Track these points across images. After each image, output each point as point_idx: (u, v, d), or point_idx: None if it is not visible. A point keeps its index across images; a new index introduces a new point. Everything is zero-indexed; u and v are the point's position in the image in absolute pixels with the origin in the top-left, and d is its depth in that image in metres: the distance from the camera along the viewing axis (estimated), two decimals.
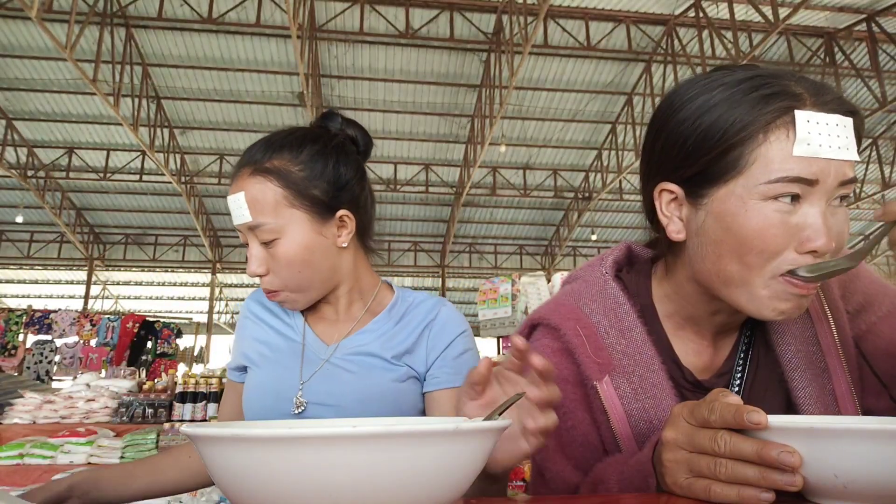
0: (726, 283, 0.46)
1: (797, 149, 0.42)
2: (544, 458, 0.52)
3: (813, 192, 0.43)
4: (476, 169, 8.47)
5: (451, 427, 0.30)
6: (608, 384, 0.50)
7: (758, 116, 0.43)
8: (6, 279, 12.19)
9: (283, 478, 0.29)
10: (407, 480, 0.30)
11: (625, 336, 0.52)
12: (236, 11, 6.66)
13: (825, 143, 0.42)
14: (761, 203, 0.43)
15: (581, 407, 0.51)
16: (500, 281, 4.08)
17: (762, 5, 5.96)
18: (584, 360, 0.51)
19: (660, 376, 0.50)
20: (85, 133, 8.64)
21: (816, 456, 0.34)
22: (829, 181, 0.43)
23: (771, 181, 0.43)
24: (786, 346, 0.52)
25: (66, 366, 5.61)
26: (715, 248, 0.46)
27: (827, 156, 0.42)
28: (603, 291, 0.54)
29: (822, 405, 0.50)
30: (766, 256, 0.44)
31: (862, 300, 0.53)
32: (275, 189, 0.65)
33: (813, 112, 0.43)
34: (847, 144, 0.43)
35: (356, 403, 0.67)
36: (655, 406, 0.50)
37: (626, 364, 0.51)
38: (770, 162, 0.43)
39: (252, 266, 0.66)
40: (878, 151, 9.35)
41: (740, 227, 0.44)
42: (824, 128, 0.42)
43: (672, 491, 0.41)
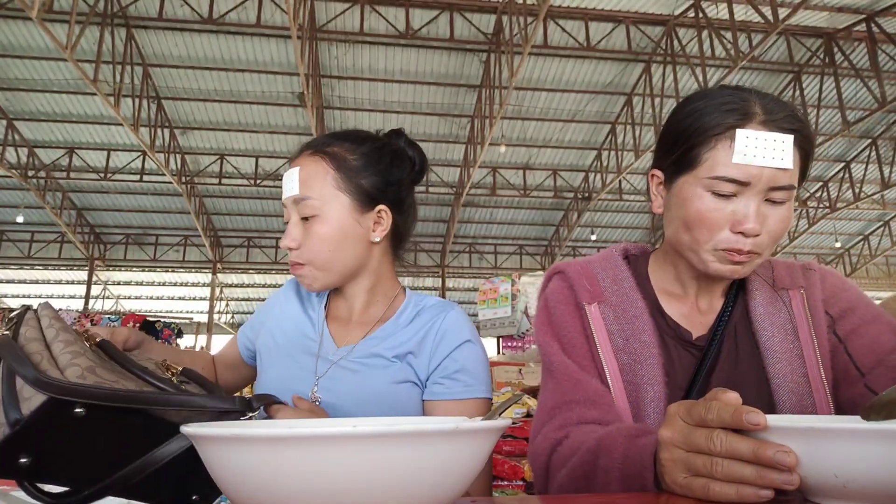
0: (680, 247, 0.62)
1: (735, 157, 0.56)
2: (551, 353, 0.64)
3: (746, 190, 0.56)
4: (476, 169, 8.47)
5: (450, 427, 0.30)
6: (595, 308, 0.64)
7: (714, 127, 0.57)
8: (7, 279, 12.19)
9: (283, 477, 0.29)
10: (407, 480, 0.30)
11: (616, 283, 0.66)
12: (237, 12, 6.67)
13: (759, 154, 0.55)
14: (705, 192, 0.57)
15: (577, 324, 0.64)
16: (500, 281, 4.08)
17: (762, 6, 5.96)
18: (580, 289, 0.65)
19: (640, 310, 0.63)
20: (85, 133, 8.64)
21: (816, 455, 0.34)
22: (761, 185, 0.56)
23: (712, 177, 0.57)
24: (763, 330, 0.62)
25: None
26: (675, 222, 0.61)
27: (759, 164, 0.55)
28: (607, 258, 0.69)
29: (794, 384, 0.59)
30: (705, 232, 0.58)
31: (846, 306, 0.63)
32: (327, 169, 0.71)
33: (755, 130, 0.56)
34: (781, 157, 0.55)
35: (354, 405, 0.68)
36: (633, 329, 0.62)
37: (613, 300, 0.64)
38: (715, 163, 0.57)
39: (286, 239, 0.70)
40: (878, 151, 9.35)
41: (689, 208, 0.58)
42: (762, 143, 0.55)
43: (671, 489, 0.41)
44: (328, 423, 0.51)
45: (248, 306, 13.72)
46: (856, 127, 7.83)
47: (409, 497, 0.30)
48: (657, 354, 0.60)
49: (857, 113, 7.79)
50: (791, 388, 0.59)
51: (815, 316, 0.62)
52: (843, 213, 10.80)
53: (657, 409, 0.58)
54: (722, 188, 0.56)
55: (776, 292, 0.64)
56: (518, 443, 1.86)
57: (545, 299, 0.68)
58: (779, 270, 0.66)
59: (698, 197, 0.57)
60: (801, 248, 12.45)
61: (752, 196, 0.56)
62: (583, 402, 0.58)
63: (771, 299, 0.63)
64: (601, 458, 0.48)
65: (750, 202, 0.56)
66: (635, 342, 0.61)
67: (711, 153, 0.57)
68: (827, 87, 7.76)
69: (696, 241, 0.59)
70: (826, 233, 11.90)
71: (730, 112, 0.57)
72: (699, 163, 0.58)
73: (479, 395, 0.70)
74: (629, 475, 0.45)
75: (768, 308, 0.63)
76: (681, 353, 0.62)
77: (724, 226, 0.57)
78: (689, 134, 0.59)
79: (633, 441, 0.46)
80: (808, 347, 0.60)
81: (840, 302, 0.63)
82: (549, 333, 0.65)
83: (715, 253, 0.58)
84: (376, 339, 0.72)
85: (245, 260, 11.65)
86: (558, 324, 0.65)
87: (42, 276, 12.22)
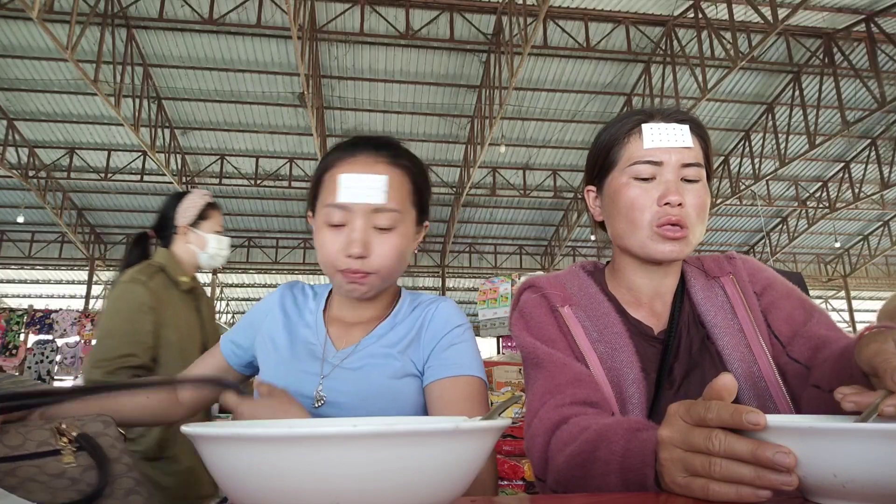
0: (623, 237, 0.69)
1: (645, 143, 0.67)
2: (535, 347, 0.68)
3: (662, 170, 0.66)
4: (476, 169, 8.46)
5: (450, 427, 0.30)
6: (568, 310, 0.70)
7: (623, 128, 0.70)
8: (7, 279, 12.18)
9: (283, 477, 0.29)
10: (407, 480, 0.30)
11: (582, 290, 0.73)
12: (237, 12, 6.66)
13: (664, 139, 0.67)
14: (628, 180, 0.68)
15: (553, 324, 0.70)
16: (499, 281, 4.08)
17: (761, 6, 5.96)
18: (552, 296, 0.71)
19: (607, 309, 0.70)
20: (86, 133, 8.64)
21: (815, 455, 0.34)
22: (672, 162, 0.66)
23: (631, 164, 0.68)
24: (706, 311, 0.70)
25: (67, 365, 5.61)
26: (612, 217, 0.70)
27: (665, 146, 0.66)
28: (571, 273, 0.76)
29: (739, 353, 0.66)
30: (637, 213, 0.66)
31: (765, 283, 0.72)
32: (408, 184, 0.73)
33: (656, 123, 0.68)
34: (682, 139, 0.67)
35: (358, 402, 0.68)
36: (604, 323, 0.68)
37: (583, 302, 0.71)
38: (631, 153, 0.68)
39: (357, 247, 0.67)
40: (877, 152, 9.35)
41: (619, 197, 0.68)
42: (664, 130, 0.67)
43: (670, 489, 0.41)
44: (328, 423, 0.51)
45: (247, 306, 13.72)
46: (855, 127, 7.82)
47: (409, 497, 0.30)
48: (629, 343, 0.66)
49: (857, 113, 7.78)
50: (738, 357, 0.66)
51: (747, 295, 0.70)
52: (843, 213, 10.79)
53: (639, 390, 0.63)
54: (641, 171, 0.66)
55: (710, 280, 0.72)
56: (518, 443, 1.86)
57: (520, 310, 0.73)
58: (707, 263, 0.75)
59: (625, 185, 0.67)
60: (800, 248, 12.44)
61: (667, 174, 0.66)
62: (573, 383, 0.62)
63: (707, 286, 0.72)
64: (601, 450, 0.48)
65: (667, 178, 0.66)
66: (608, 334, 0.67)
67: (626, 147, 0.69)
68: (826, 88, 7.76)
69: (632, 225, 0.67)
70: (825, 233, 11.89)
71: (633, 116, 0.70)
72: (619, 158, 0.69)
73: (473, 374, 0.71)
74: (629, 468, 0.45)
75: (707, 293, 0.71)
76: (646, 347, 0.68)
77: (652, 203, 0.66)
78: (606, 143, 0.71)
79: (634, 434, 0.47)
80: (747, 323, 0.68)
81: (760, 281, 0.72)
82: (528, 335, 0.69)
83: (651, 232, 0.66)
84: (375, 338, 0.74)
85: (245, 260, 11.65)
86: (536, 325, 0.70)
87: (42, 276, 12.22)
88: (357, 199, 0.67)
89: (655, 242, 0.65)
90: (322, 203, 0.71)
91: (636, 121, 0.69)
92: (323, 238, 0.70)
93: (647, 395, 0.64)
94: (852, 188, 9.90)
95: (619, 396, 0.63)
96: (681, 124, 0.68)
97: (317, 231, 0.72)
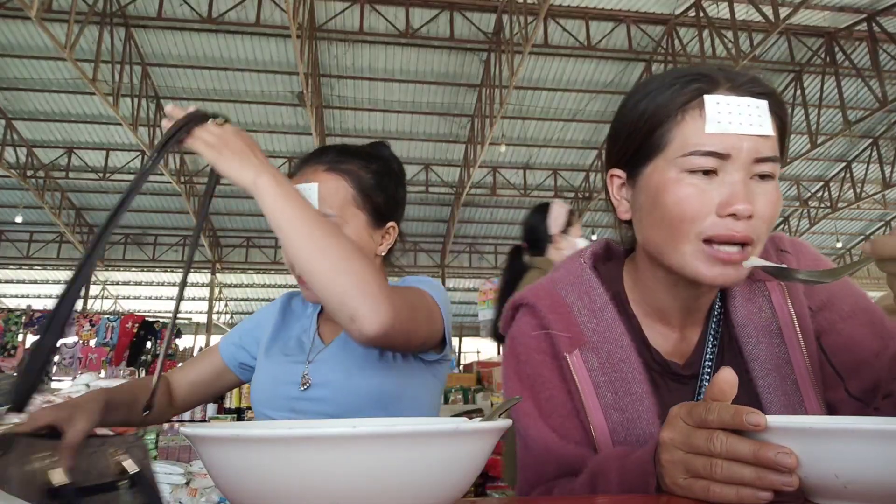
0: (661, 249, 0.51)
1: (708, 126, 0.47)
2: (526, 426, 0.55)
3: (728, 164, 0.48)
4: (476, 169, 8.46)
5: (450, 427, 0.30)
6: (578, 357, 0.54)
7: (675, 99, 0.49)
8: (5, 279, 12.18)
9: (283, 478, 0.29)
10: (407, 480, 0.30)
11: (596, 316, 0.55)
12: (236, 11, 6.66)
13: (735, 121, 0.47)
14: (679, 174, 0.48)
15: (557, 377, 0.55)
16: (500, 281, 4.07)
17: (763, 5, 5.96)
18: (559, 339, 0.54)
19: (628, 352, 0.53)
20: (84, 133, 8.64)
21: (816, 456, 0.34)
22: (743, 156, 0.47)
23: (686, 154, 0.48)
24: (747, 337, 0.54)
25: (65, 366, 5.60)
26: (649, 220, 0.52)
27: (737, 132, 0.47)
28: (579, 277, 0.58)
29: (783, 394, 0.52)
30: (688, 221, 0.48)
31: (825, 297, 0.55)
32: (347, 188, 0.73)
33: (723, 95, 0.48)
34: (759, 122, 0.47)
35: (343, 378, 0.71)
36: (622, 379, 0.53)
37: (596, 340, 0.54)
38: (686, 138, 0.48)
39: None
40: (879, 151, 9.35)
41: (663, 197, 0.49)
42: (735, 108, 0.47)
43: (672, 491, 0.41)
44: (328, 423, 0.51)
45: (247, 306, 13.72)
46: (857, 126, 7.82)
47: (409, 497, 0.30)
48: (652, 406, 0.52)
49: (859, 112, 7.78)
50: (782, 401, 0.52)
51: (798, 308, 0.54)
52: (844, 212, 10.79)
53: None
54: (699, 163, 0.47)
55: (753, 284, 0.55)
56: None
57: (513, 344, 0.58)
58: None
59: (673, 181, 0.48)
60: None
61: (734, 171, 0.47)
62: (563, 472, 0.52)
63: (749, 295, 0.55)
64: (598, 486, 0.47)
65: (731, 178, 0.47)
66: (626, 396, 0.52)
67: (679, 128, 0.49)
68: (828, 87, 7.76)
69: (675, 236, 0.49)
70: (827, 233, 11.89)
71: (691, 81, 0.49)
72: (667, 142, 0.49)
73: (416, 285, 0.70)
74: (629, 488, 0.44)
75: (749, 307, 0.55)
76: (672, 388, 0.55)
77: (709, 211, 0.47)
78: (649, 115, 0.50)
79: (626, 459, 0.45)
80: (795, 350, 0.53)
81: (819, 292, 0.55)
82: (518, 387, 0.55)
83: (699, 248, 0.48)
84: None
85: (244, 260, 11.65)
86: (533, 377, 0.55)
87: (41, 275, 12.22)
88: None
89: (703, 262, 0.48)
90: None
91: (695, 90, 0.48)
92: None
93: None
94: (854, 188, 9.90)
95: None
96: (757, 98, 0.48)
97: None
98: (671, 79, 0.51)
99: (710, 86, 0.49)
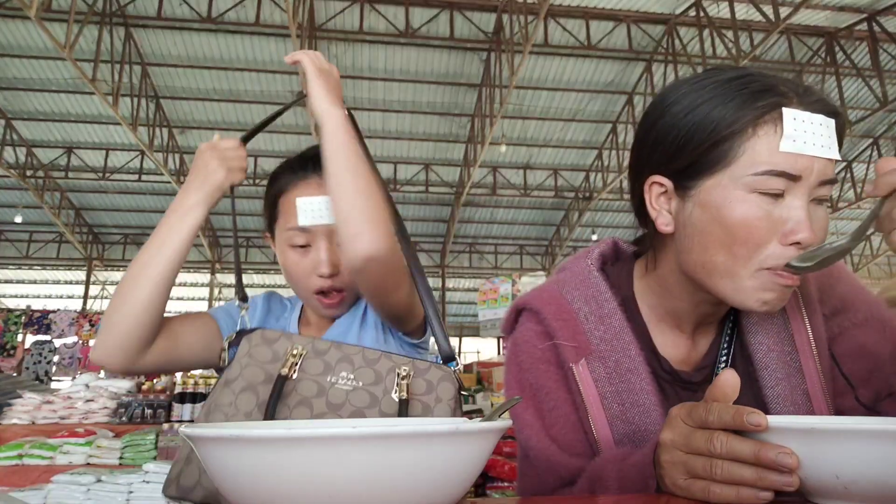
0: (711, 273, 0.47)
1: (784, 144, 0.44)
2: (528, 436, 0.53)
3: (796, 187, 0.44)
4: (476, 169, 8.46)
5: (450, 427, 0.30)
6: (584, 367, 0.52)
7: (747, 111, 0.45)
8: (5, 279, 12.17)
9: (283, 478, 0.29)
10: (407, 480, 0.30)
11: (604, 322, 0.53)
12: (235, 11, 6.66)
13: (810, 140, 0.44)
14: (746, 194, 0.45)
15: (562, 388, 0.53)
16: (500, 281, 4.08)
17: (763, 5, 5.96)
18: (565, 350, 0.52)
19: (636, 362, 0.51)
20: (84, 133, 8.63)
21: (817, 457, 0.34)
22: (812, 178, 0.44)
23: (757, 174, 0.44)
24: (758, 344, 0.53)
25: (65, 366, 5.60)
26: (701, 239, 0.47)
27: (811, 153, 0.44)
28: (586, 281, 0.56)
29: (793, 404, 0.51)
30: (751, 247, 0.45)
31: (839, 304, 0.54)
32: None
33: (799, 110, 0.44)
34: (830, 144, 0.44)
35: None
36: (629, 390, 0.51)
37: (603, 349, 0.52)
38: (757, 155, 0.44)
39: (325, 267, 0.71)
40: (879, 151, 9.35)
41: (726, 217, 0.45)
42: (809, 126, 0.44)
43: (672, 492, 0.41)
44: (328, 423, 0.51)
45: None
46: (857, 126, 7.83)
47: (410, 497, 0.30)
48: (659, 418, 0.50)
49: (859, 112, 7.79)
50: (791, 410, 0.51)
51: (811, 315, 0.52)
52: (845, 212, 10.80)
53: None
54: (771, 185, 0.43)
55: None
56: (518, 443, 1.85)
57: (515, 350, 0.56)
58: None
59: (741, 201, 0.44)
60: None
61: (799, 195, 0.44)
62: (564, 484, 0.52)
63: None
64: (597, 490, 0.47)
65: (797, 202, 0.44)
66: (633, 408, 0.50)
67: (750, 143, 0.44)
68: (828, 87, 7.76)
69: (735, 263, 0.45)
70: (828, 232, 11.90)
71: (763, 92, 0.45)
72: (734, 158, 0.45)
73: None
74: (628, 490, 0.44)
75: (762, 316, 0.52)
76: (681, 396, 0.53)
77: (772, 237, 0.44)
78: (713, 126, 0.45)
79: (624, 462, 0.45)
80: (808, 359, 0.51)
81: (833, 298, 0.54)
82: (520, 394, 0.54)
83: (758, 276, 0.45)
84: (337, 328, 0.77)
85: (244, 260, 11.65)
86: (536, 387, 0.53)
87: (40, 276, 12.21)
88: (317, 220, 0.70)
89: (760, 290, 0.45)
90: (282, 227, 0.73)
91: (772, 103, 0.44)
92: (290, 260, 0.73)
93: None
94: (854, 188, 9.91)
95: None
96: (829, 117, 0.45)
97: (281, 253, 0.74)
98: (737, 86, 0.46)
99: (784, 99, 0.45)
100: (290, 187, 0.74)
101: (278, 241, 0.75)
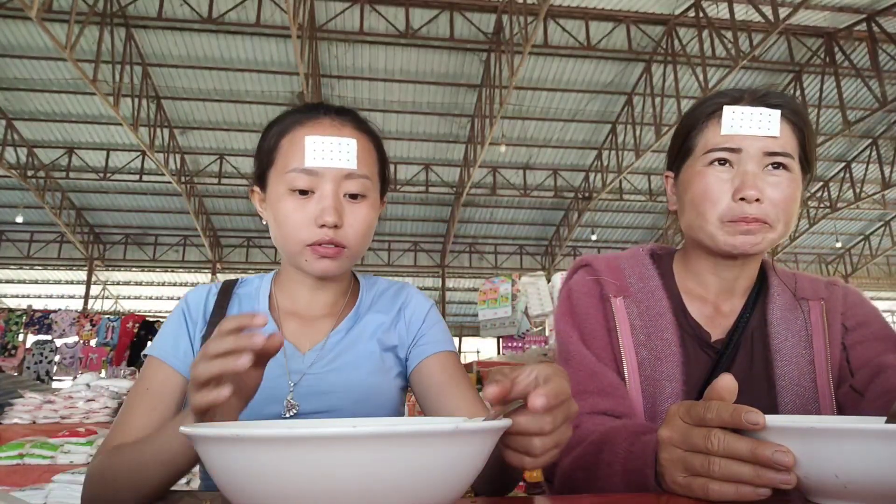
0: (695, 230, 0.64)
1: (723, 130, 0.61)
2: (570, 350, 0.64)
3: (740, 158, 0.61)
4: (476, 169, 8.46)
5: (451, 427, 0.30)
6: (621, 302, 0.65)
7: (704, 111, 0.64)
8: (6, 279, 12.18)
9: (283, 478, 0.29)
10: (407, 480, 0.30)
11: (643, 280, 0.67)
12: (236, 11, 6.66)
13: (745, 125, 0.60)
14: (704, 168, 0.63)
15: (601, 316, 0.66)
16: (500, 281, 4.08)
17: (762, 5, 5.95)
18: (606, 282, 0.67)
19: (664, 310, 0.64)
20: (85, 133, 8.63)
21: (816, 456, 0.34)
22: (753, 150, 0.60)
23: (707, 151, 0.63)
24: (776, 334, 0.64)
25: (66, 366, 5.61)
26: (684, 207, 0.66)
27: (746, 133, 0.60)
28: (634, 256, 0.71)
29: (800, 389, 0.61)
30: (709, 205, 0.61)
31: (861, 319, 0.66)
32: (375, 154, 0.68)
33: (740, 106, 0.61)
34: (769, 126, 0.60)
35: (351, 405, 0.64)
36: (655, 326, 0.64)
37: (639, 297, 0.66)
38: (708, 139, 0.63)
39: (330, 215, 0.59)
40: (879, 151, 9.35)
41: (692, 186, 0.63)
42: (748, 115, 0.60)
43: (671, 489, 0.41)
44: (328, 423, 0.51)
45: None
46: (856, 126, 7.82)
47: (409, 497, 0.30)
48: (677, 353, 0.62)
49: (858, 112, 7.78)
50: (797, 391, 0.60)
51: (832, 327, 0.63)
52: (844, 212, 10.78)
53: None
54: (715, 156, 0.61)
55: (796, 301, 0.65)
56: None
57: (569, 290, 0.69)
58: (802, 282, 0.68)
59: (698, 174, 0.62)
60: (801, 248, 12.44)
61: (747, 162, 0.60)
62: (597, 393, 0.60)
63: (790, 307, 0.65)
64: (605, 453, 0.49)
65: (744, 169, 0.60)
66: (657, 339, 0.63)
67: (704, 133, 0.63)
68: (828, 87, 7.76)
69: (703, 217, 0.61)
70: (826, 233, 11.89)
71: (718, 98, 0.63)
72: (696, 144, 0.64)
73: (453, 349, 0.71)
74: (631, 470, 0.45)
75: (786, 314, 0.64)
76: (698, 354, 0.63)
77: (726, 195, 0.60)
78: (686, 126, 0.66)
79: (637, 438, 0.47)
80: (821, 356, 0.62)
81: (857, 315, 0.65)
82: (569, 323, 0.66)
83: (723, 226, 0.60)
84: (343, 332, 0.67)
85: (244, 260, 11.64)
86: (580, 314, 0.66)
87: (41, 276, 12.22)
88: (327, 163, 0.60)
89: (726, 235, 0.60)
90: (280, 170, 0.62)
91: (718, 103, 0.62)
92: (285, 209, 0.60)
93: None
94: (853, 188, 9.90)
95: (652, 409, 0.61)
96: (770, 109, 0.60)
97: (274, 203, 0.62)
98: (710, 97, 0.65)
99: (733, 101, 0.62)
100: (297, 126, 0.63)
101: (272, 190, 0.63)
